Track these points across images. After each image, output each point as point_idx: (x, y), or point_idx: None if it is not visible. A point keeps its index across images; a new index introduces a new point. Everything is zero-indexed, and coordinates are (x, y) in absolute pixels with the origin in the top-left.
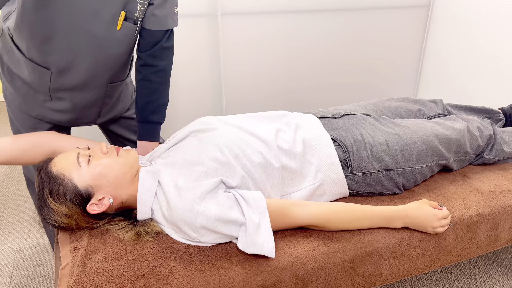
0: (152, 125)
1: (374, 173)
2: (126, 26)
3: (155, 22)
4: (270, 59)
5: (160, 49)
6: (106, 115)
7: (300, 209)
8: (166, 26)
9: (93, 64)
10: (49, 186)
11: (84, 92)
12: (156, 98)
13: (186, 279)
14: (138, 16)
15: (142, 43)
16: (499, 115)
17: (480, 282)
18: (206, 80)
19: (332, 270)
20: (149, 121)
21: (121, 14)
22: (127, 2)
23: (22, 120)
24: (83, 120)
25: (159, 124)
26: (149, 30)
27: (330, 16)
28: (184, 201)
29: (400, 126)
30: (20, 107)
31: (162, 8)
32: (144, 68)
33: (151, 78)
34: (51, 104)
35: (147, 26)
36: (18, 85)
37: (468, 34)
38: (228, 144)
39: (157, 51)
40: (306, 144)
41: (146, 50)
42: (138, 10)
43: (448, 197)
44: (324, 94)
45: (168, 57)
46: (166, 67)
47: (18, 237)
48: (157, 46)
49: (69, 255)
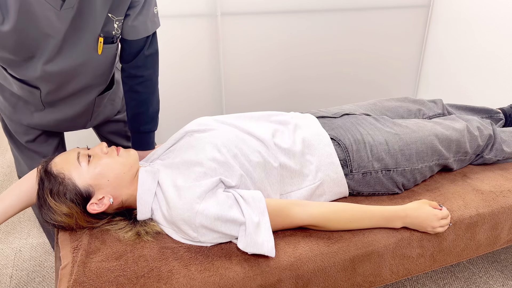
0: (145, 135)
1: (374, 172)
2: (107, 48)
3: (134, 32)
4: (270, 59)
5: (143, 58)
6: (96, 119)
7: (300, 209)
8: (146, 32)
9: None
10: (49, 186)
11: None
12: (146, 108)
13: (186, 279)
14: (116, 33)
15: (124, 54)
16: (499, 115)
17: (480, 282)
18: (206, 80)
19: (332, 270)
20: (141, 132)
21: (99, 40)
22: (104, 26)
23: (13, 126)
24: (74, 127)
25: (152, 133)
26: (129, 40)
27: (330, 16)
28: (184, 201)
29: (400, 126)
30: (11, 117)
31: (139, 16)
32: (129, 79)
33: (137, 89)
34: (42, 114)
35: (127, 37)
36: (7, 96)
37: (468, 34)
38: (226, 143)
39: (140, 60)
40: (305, 143)
41: (129, 60)
42: (115, 28)
43: (448, 197)
44: (324, 93)
45: (153, 64)
46: (151, 77)
47: (18, 237)
48: (139, 55)
49: (69, 255)
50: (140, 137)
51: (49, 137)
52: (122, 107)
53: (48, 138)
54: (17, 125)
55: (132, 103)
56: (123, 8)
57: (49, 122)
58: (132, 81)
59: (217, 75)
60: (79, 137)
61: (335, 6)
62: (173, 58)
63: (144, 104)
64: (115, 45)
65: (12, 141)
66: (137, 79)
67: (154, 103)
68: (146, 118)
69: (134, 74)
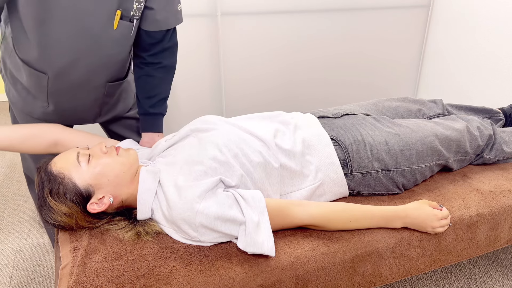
0: (154, 117)
1: (374, 172)
2: (123, 24)
3: (155, 24)
4: (270, 59)
5: (161, 50)
6: (107, 114)
7: (300, 208)
8: (167, 26)
9: (90, 65)
10: (49, 186)
11: (83, 93)
12: (158, 92)
13: (186, 279)
14: (135, 14)
15: (142, 44)
16: (499, 115)
17: (480, 282)
18: (206, 80)
19: (332, 270)
20: (151, 114)
21: (116, 13)
22: (122, 1)
23: (25, 121)
24: (84, 120)
25: (161, 116)
26: (148, 31)
27: (330, 16)
28: (184, 200)
29: (400, 126)
30: (23, 109)
31: (163, 11)
32: (146, 65)
33: (153, 74)
34: (49, 109)
35: (148, 28)
36: (19, 89)
37: (468, 34)
38: (227, 143)
39: (159, 52)
40: (306, 144)
41: (147, 49)
42: (134, 8)
43: (448, 197)
44: (324, 93)
45: (171, 55)
46: (168, 64)
47: (18, 237)
48: (158, 46)
49: (69, 255)
50: (150, 119)
51: None
52: (134, 104)
53: None
54: (29, 120)
55: (146, 86)
56: None
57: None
58: (150, 66)
59: (217, 75)
60: None
61: (335, 6)
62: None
63: (157, 88)
64: (132, 25)
65: None
66: (155, 65)
67: (167, 88)
68: (157, 101)
69: (152, 61)
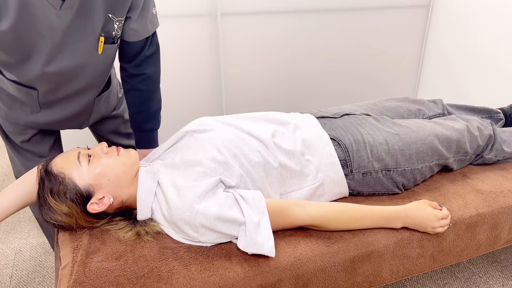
0: (147, 134)
1: (374, 172)
2: (107, 47)
3: (135, 34)
4: (270, 59)
5: (144, 58)
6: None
7: (300, 209)
8: (146, 33)
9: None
10: (49, 185)
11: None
12: (148, 107)
13: (186, 279)
14: (117, 34)
15: (124, 54)
16: (499, 115)
17: (480, 282)
18: (206, 80)
19: (332, 270)
20: (144, 130)
21: (100, 40)
22: (104, 26)
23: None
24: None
25: (155, 131)
26: (129, 42)
27: (330, 16)
28: (184, 201)
29: (400, 126)
30: (6, 118)
31: (139, 18)
32: (131, 78)
33: (139, 87)
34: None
35: (127, 39)
36: (3, 97)
37: (468, 34)
38: (226, 143)
39: (141, 61)
40: (305, 144)
41: (130, 60)
42: (115, 28)
43: (448, 197)
44: (324, 93)
45: (154, 63)
46: (152, 75)
47: (18, 237)
48: (140, 55)
49: (69, 255)
50: (143, 136)
51: (45, 136)
52: (118, 103)
53: (43, 137)
54: (12, 125)
55: (134, 101)
56: (123, 10)
57: (45, 122)
58: (134, 79)
59: (217, 75)
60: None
61: (335, 6)
62: (173, 58)
63: (146, 102)
64: (116, 45)
65: (8, 142)
66: (138, 77)
67: (156, 101)
68: (148, 116)
69: (135, 73)
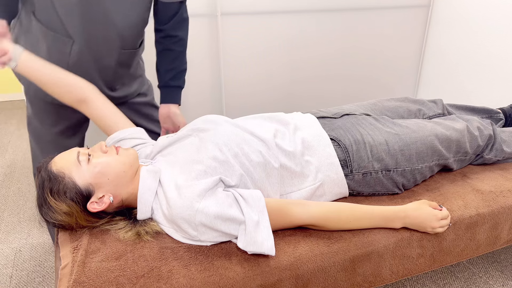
0: (173, 89)
1: (374, 173)
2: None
3: None
4: (270, 59)
5: (180, 20)
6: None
7: (300, 208)
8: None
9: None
10: (49, 185)
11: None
12: (177, 65)
13: (186, 279)
14: None
15: (161, 17)
16: (499, 115)
17: (480, 282)
18: (206, 80)
19: (332, 270)
20: (170, 86)
21: None
22: None
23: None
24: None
25: (179, 88)
26: (165, 3)
27: (330, 16)
28: (184, 199)
29: (400, 126)
30: (36, 94)
31: None
32: (166, 39)
33: (172, 47)
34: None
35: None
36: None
37: (468, 34)
38: (227, 142)
39: (177, 23)
40: (305, 144)
41: (166, 22)
42: None
43: (448, 197)
44: (324, 93)
45: (186, 27)
46: (184, 37)
47: (18, 237)
48: (176, 17)
49: (69, 255)
50: (170, 91)
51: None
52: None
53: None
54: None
55: (166, 60)
56: None
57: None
58: (168, 41)
59: (217, 75)
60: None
61: (335, 6)
62: None
63: (176, 60)
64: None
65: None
66: (172, 38)
67: (184, 61)
68: (176, 73)
69: (171, 34)
